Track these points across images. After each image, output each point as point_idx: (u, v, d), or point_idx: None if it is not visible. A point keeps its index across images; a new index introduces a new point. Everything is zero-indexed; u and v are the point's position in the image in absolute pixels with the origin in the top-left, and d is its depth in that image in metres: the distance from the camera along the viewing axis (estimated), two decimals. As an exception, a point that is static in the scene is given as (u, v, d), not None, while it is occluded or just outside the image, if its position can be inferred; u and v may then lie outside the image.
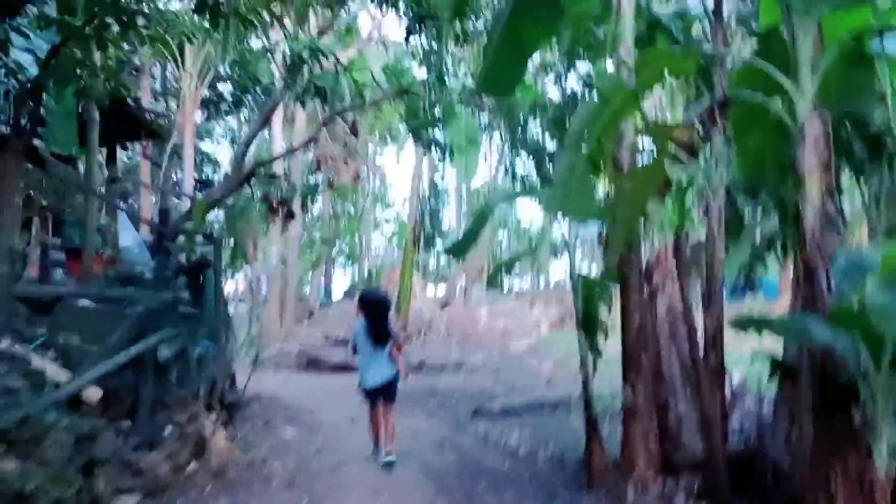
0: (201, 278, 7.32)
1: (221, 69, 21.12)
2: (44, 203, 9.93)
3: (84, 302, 6.20)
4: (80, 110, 6.80)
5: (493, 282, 7.49)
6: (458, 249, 6.19)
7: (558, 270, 47.45)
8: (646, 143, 5.78)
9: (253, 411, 8.83)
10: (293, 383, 12.14)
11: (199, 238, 9.15)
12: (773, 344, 6.30)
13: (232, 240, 20.33)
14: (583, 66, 10.43)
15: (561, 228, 6.77)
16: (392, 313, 7.35)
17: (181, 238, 8.81)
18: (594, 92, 4.32)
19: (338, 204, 35.11)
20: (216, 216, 22.07)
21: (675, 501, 5.22)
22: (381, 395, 6.76)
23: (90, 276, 7.14)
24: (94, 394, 5.26)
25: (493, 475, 6.16)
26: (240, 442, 7.01)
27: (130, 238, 9.27)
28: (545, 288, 35.24)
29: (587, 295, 6.16)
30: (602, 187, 6.07)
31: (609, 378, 7.16)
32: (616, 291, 6.00)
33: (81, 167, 8.60)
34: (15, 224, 4.39)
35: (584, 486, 5.76)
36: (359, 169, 24.08)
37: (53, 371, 5.08)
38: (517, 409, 9.06)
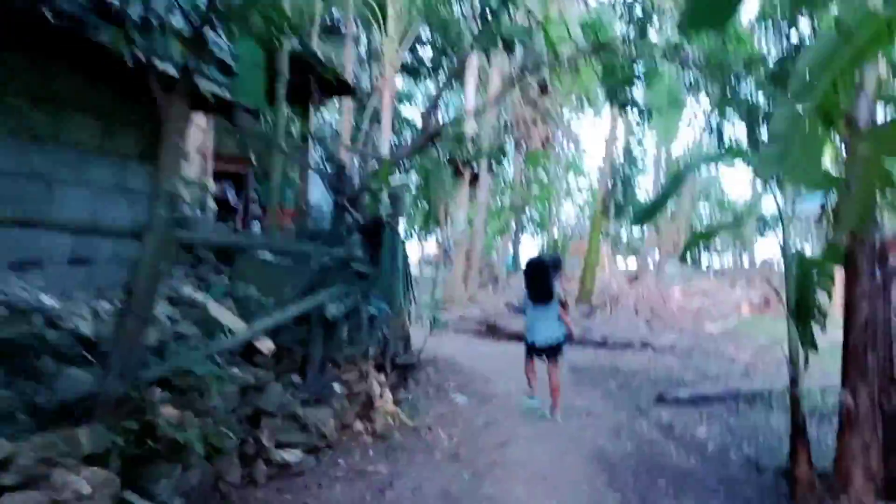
0: (380, 237, 7.26)
1: (422, 33, 21.36)
2: (249, 157, 10.47)
3: (265, 254, 6.32)
4: (269, 64, 6.94)
5: (688, 255, 6.66)
6: (646, 215, 5.53)
7: (764, 249, 43.83)
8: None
9: (426, 375, 8.76)
10: (471, 349, 12.02)
11: (384, 197, 9.18)
12: None
13: (425, 202, 20.68)
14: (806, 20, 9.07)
15: (774, 199, 5.82)
16: (560, 276, 8.08)
17: (366, 197, 8.84)
18: (832, 29, 3.44)
19: (529, 170, 34.68)
20: (412, 179, 22.60)
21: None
22: (546, 354, 7.26)
23: (277, 229, 7.33)
24: (267, 345, 5.30)
25: (674, 473, 5.50)
26: (408, 406, 6.91)
27: (320, 195, 9.52)
28: (748, 267, 32.56)
29: (802, 276, 5.21)
30: (832, 149, 5.07)
31: (820, 375, 6.17)
32: (839, 275, 5.03)
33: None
34: (176, 167, 4.42)
35: (785, 499, 4.93)
36: (551, 133, 23.45)
37: (229, 319, 5.16)
38: (708, 398, 8.18)
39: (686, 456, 6.01)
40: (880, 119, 4.55)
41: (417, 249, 32.02)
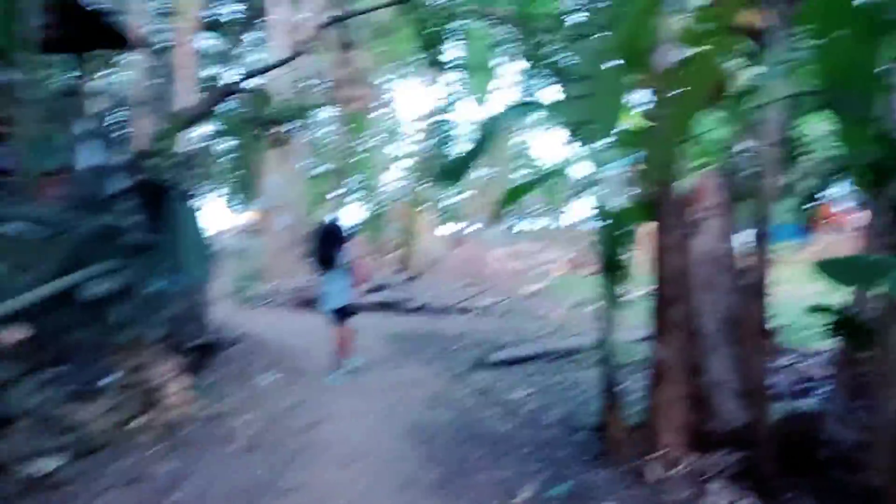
0: (164, 204, 6.35)
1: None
2: None
3: (16, 226, 5.26)
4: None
5: (501, 215, 6.44)
6: (451, 174, 5.16)
7: (577, 211, 46.24)
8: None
9: (231, 355, 8.01)
10: (285, 324, 11.31)
11: (176, 160, 8.20)
12: (827, 293, 5.35)
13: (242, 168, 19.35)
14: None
15: (585, 161, 5.69)
16: (352, 242, 7.67)
17: (152, 160, 7.82)
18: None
19: (351, 135, 33.80)
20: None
21: (707, 482, 4.31)
22: (336, 316, 7.50)
23: (37, 196, 6.19)
24: (9, 335, 4.36)
25: (492, 440, 5.26)
26: (204, 392, 6.16)
27: (96, 158, 8.32)
28: (563, 229, 34.13)
29: (611, 233, 5.12)
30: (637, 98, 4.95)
31: (632, 329, 6.22)
32: (649, 230, 4.96)
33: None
34: None
35: (599, 457, 4.83)
36: (369, 95, 22.84)
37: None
38: (524, 359, 8.14)
39: (504, 420, 5.82)
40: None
41: (235, 218, 30.39)
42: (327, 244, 7.41)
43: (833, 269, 2.42)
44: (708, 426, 4.65)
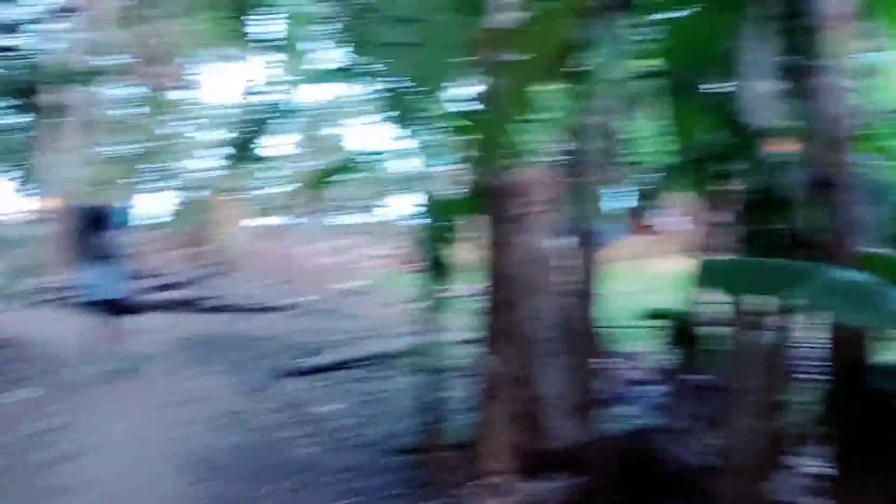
0: None
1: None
2: None
3: None
4: None
5: (312, 200, 5.64)
6: (240, 149, 4.31)
7: (399, 205, 46.22)
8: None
9: (-28, 367, 6.50)
10: (59, 325, 9.64)
11: None
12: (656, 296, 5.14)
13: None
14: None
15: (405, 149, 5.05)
16: (120, 231, 7.12)
17: None
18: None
19: (153, 116, 31.04)
20: None
21: (543, 511, 3.81)
22: (106, 308, 6.84)
23: None
24: None
25: (293, 468, 4.45)
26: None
27: None
28: (384, 224, 33.63)
29: (434, 228, 4.49)
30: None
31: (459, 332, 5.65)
32: (479, 226, 4.39)
33: None
34: None
35: (419, 486, 4.18)
36: (176, 73, 20.84)
37: None
38: (339, 365, 7.37)
39: (311, 443, 5.02)
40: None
41: (25, 204, 26.61)
42: (92, 231, 6.79)
43: (718, 274, 1.92)
44: (541, 446, 4.17)
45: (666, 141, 4.43)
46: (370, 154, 5.80)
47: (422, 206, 4.58)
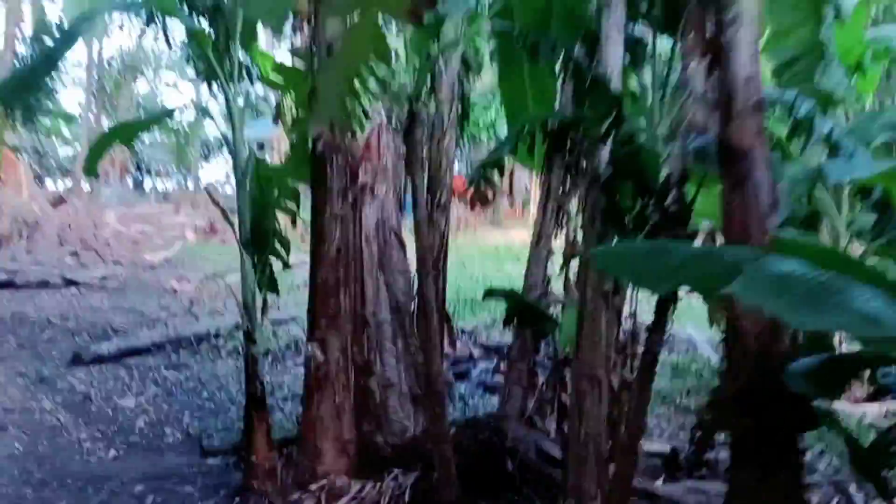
0: None
1: None
2: None
3: None
4: None
5: (93, 165, 4.74)
6: (11, 91, 3.52)
7: (214, 171, 43.61)
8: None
9: None
10: None
11: None
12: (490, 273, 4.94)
13: None
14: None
15: (222, 103, 4.40)
16: None
17: None
18: None
19: None
20: None
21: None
22: None
23: None
24: None
25: (86, 477, 3.75)
26: None
27: None
28: (195, 191, 31.50)
29: (259, 196, 3.92)
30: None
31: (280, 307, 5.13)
32: (307, 193, 3.89)
33: None
34: None
35: (238, 492, 3.65)
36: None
37: None
38: (143, 350, 6.53)
39: (108, 445, 4.30)
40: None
41: None
42: None
43: (617, 261, 1.61)
44: (378, 440, 3.78)
45: (514, 106, 4.18)
46: (172, 112, 5.05)
47: (240, 172, 3.97)
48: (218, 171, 42.70)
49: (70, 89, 27.05)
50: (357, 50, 2.33)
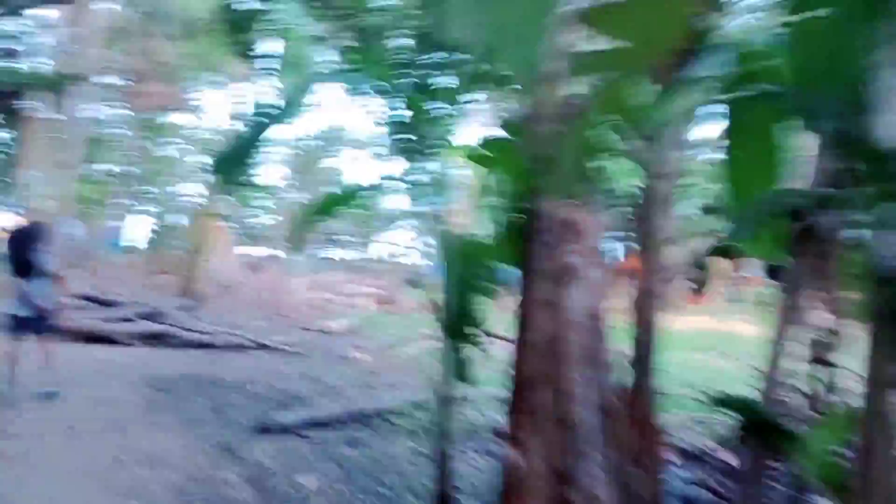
0: None
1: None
2: None
3: None
4: None
5: (304, 233, 4.82)
6: (227, 164, 3.52)
7: (394, 242, 45.26)
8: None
9: None
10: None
11: None
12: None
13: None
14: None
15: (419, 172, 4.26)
16: (53, 250, 7.02)
17: None
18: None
19: (149, 137, 30.30)
20: None
21: None
22: (29, 328, 6.71)
23: None
24: None
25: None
26: None
27: None
28: (376, 261, 32.78)
29: (461, 272, 3.64)
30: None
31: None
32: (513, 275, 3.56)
33: None
34: None
35: None
36: (171, 94, 20.08)
37: None
38: (325, 422, 6.44)
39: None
40: None
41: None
42: (25, 248, 6.71)
43: None
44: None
45: (743, 181, 3.64)
46: (369, 187, 5.01)
47: (438, 246, 3.73)
48: (397, 242, 44.39)
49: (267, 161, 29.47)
50: (605, 113, 1.96)
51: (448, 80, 5.81)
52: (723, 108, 3.40)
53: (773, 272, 3.76)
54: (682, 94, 2.31)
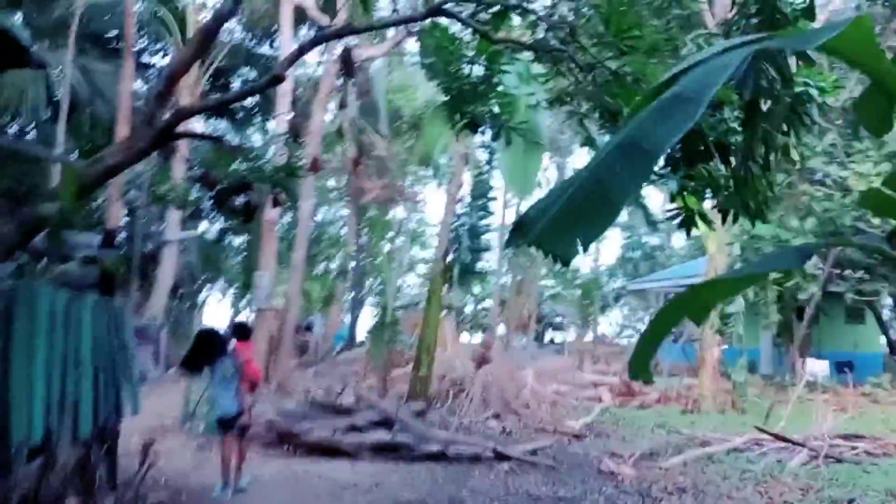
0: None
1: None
2: None
3: None
4: None
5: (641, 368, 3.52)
6: (524, 228, 2.29)
7: (609, 321, 42.83)
8: None
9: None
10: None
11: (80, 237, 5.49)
12: None
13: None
14: None
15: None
16: (246, 346, 7.59)
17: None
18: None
19: (373, 236, 31.28)
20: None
21: None
22: (229, 427, 7.07)
23: None
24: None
25: None
26: None
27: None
28: (593, 343, 30.65)
29: None
30: None
31: None
32: None
33: None
34: None
35: None
36: (394, 191, 20.23)
37: None
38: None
39: None
40: None
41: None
42: (204, 350, 7.23)
43: None
44: None
45: None
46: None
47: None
48: (611, 323, 42.04)
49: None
50: None
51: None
52: None
53: None
54: None
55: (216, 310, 41.70)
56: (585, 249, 1.66)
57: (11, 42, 6.05)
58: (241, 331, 7.98)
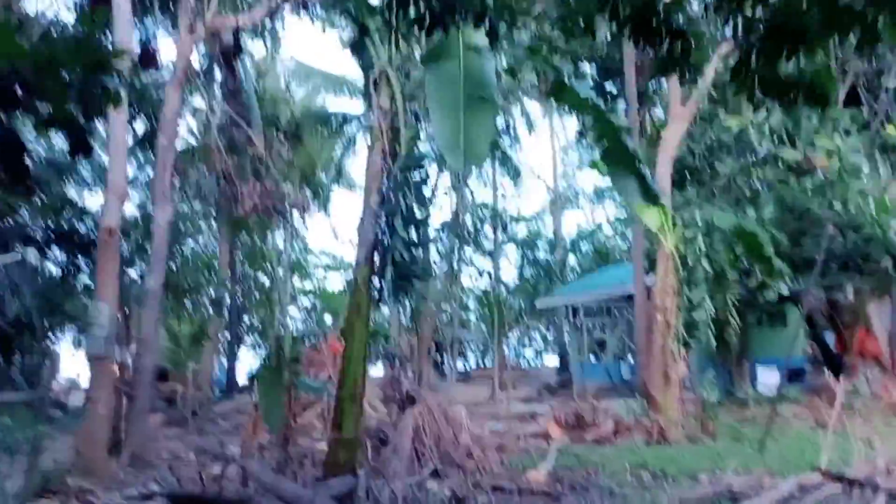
0: None
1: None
2: None
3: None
4: None
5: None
6: None
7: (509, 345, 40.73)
8: None
9: None
10: None
11: None
12: None
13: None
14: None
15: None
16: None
17: None
18: None
19: (252, 267, 27.74)
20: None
21: None
22: None
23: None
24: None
25: None
26: None
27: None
28: (506, 367, 28.08)
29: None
30: None
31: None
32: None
33: None
34: None
35: None
36: (282, 195, 16.88)
37: None
38: None
39: None
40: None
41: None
42: None
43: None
44: None
45: None
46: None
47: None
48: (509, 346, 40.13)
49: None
50: None
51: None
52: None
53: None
54: None
55: (72, 362, 36.01)
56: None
57: None
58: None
